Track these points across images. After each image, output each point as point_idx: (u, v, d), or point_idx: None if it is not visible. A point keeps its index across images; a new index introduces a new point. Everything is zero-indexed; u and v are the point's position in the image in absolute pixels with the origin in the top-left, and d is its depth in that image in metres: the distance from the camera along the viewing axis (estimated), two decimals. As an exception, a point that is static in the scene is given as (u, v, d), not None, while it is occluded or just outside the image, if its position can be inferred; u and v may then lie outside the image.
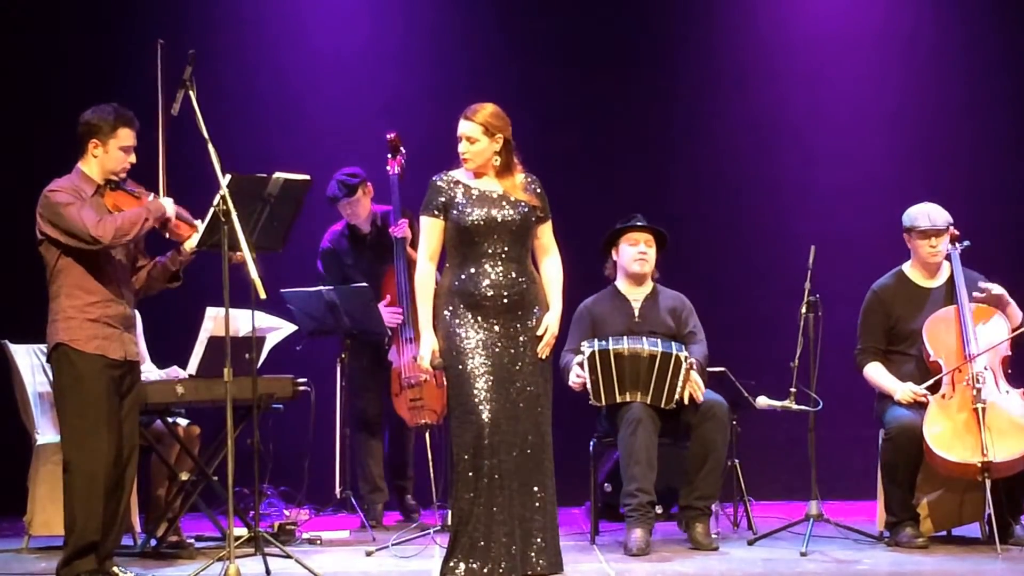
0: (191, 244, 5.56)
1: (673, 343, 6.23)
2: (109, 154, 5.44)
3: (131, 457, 5.50)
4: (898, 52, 8.27)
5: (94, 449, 5.30)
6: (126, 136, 5.46)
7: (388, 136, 7.04)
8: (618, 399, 6.15)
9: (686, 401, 6.14)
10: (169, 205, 5.46)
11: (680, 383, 6.12)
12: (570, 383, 6.23)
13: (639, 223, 6.43)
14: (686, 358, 6.14)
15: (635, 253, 6.39)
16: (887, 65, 8.26)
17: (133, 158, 5.50)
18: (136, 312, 6.47)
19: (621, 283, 6.49)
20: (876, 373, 6.30)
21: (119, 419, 5.40)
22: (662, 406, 6.13)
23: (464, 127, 5.39)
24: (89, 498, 5.30)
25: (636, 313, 6.42)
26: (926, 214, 6.29)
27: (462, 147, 5.39)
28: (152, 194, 5.57)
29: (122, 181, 5.52)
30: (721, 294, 7.96)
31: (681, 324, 6.44)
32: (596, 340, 6.23)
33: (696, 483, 6.17)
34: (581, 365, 6.16)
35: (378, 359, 7.15)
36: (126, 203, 5.49)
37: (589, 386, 6.14)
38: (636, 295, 6.46)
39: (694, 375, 6.15)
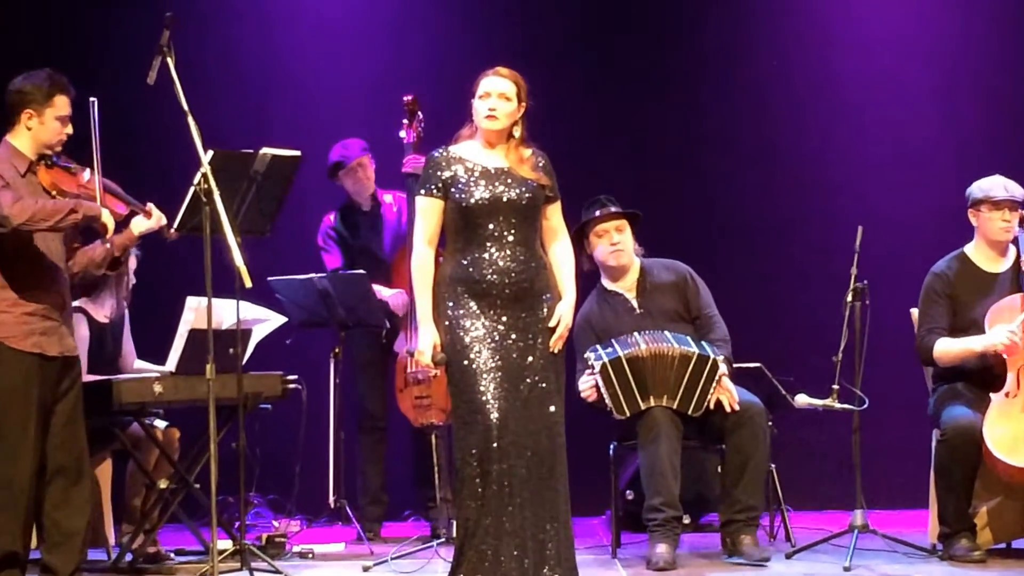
0: (139, 227, 5.55)
1: (708, 345, 6.19)
2: (45, 125, 5.40)
3: (80, 467, 5.45)
4: (954, 16, 8.23)
5: (16, 454, 5.28)
6: (63, 104, 5.41)
7: (405, 99, 7.00)
8: (642, 406, 6.12)
9: (712, 407, 6.14)
10: (107, 215, 5.40)
11: (712, 390, 6.11)
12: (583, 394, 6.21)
13: (598, 212, 6.33)
14: (723, 360, 6.14)
15: (606, 246, 6.35)
16: (941, 30, 8.22)
17: (70, 129, 5.46)
18: (126, 311, 6.54)
19: (606, 280, 6.44)
20: (951, 344, 6.19)
21: (49, 423, 5.36)
22: (689, 413, 6.12)
23: (498, 83, 5.40)
24: (7, 506, 5.28)
25: (636, 306, 6.39)
26: (1001, 185, 6.25)
27: (491, 103, 5.38)
28: (88, 169, 5.52)
29: (56, 156, 5.49)
30: (755, 280, 7.99)
31: (689, 303, 6.36)
32: (600, 347, 6.17)
33: (736, 495, 6.14)
34: (595, 386, 6.09)
35: (379, 351, 7.18)
36: (64, 181, 5.48)
37: (608, 400, 6.10)
38: (626, 286, 6.41)
39: (727, 383, 6.13)
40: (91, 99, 5.37)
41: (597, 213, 6.37)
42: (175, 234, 5.67)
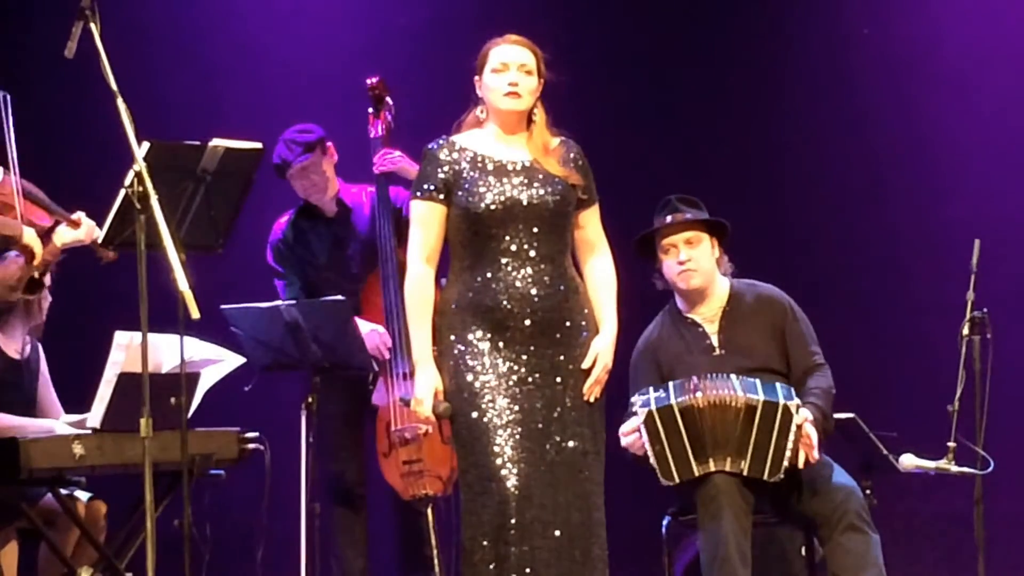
0: (64, 238, 5.54)
1: (779, 385, 6.09)
2: None
3: None
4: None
5: None
6: None
7: (369, 82, 7.06)
8: (698, 471, 6.02)
9: (800, 464, 6.02)
10: (31, 234, 5.46)
11: (790, 445, 5.98)
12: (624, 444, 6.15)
13: (668, 217, 6.24)
14: (798, 407, 6.01)
15: (673, 264, 6.24)
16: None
17: None
18: (40, 351, 6.48)
19: (681, 303, 6.36)
20: None
21: None
22: (764, 478, 6.01)
23: (515, 52, 5.49)
24: None
25: (715, 344, 6.29)
26: None
27: (510, 77, 5.45)
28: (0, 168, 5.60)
29: None
30: (847, 307, 7.99)
31: (788, 347, 6.28)
32: (651, 390, 6.08)
33: None
34: (637, 431, 6.01)
35: (360, 404, 7.15)
36: None
37: (653, 460, 6.01)
38: (707, 313, 6.31)
39: (808, 429, 6.00)
40: (1, 93, 5.35)
41: (668, 219, 6.26)
42: (113, 254, 5.75)
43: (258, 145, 5.74)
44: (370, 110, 7.06)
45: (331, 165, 7.17)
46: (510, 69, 5.45)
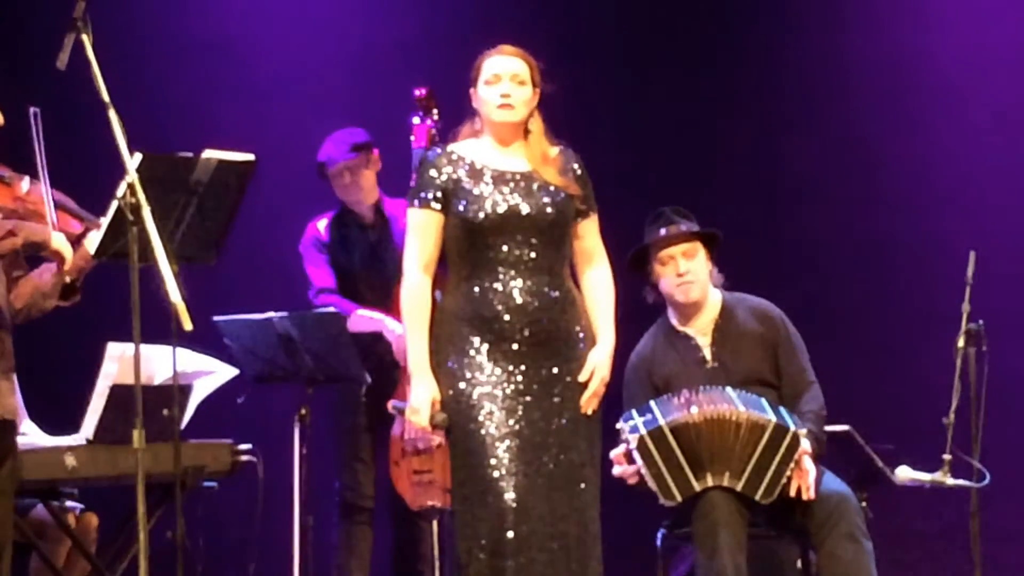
0: (95, 244, 5.53)
1: (787, 413, 6.07)
2: None
3: (1, 556, 5.48)
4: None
5: None
6: None
7: (417, 93, 7.01)
8: (698, 487, 6.00)
9: (792, 493, 6.01)
10: (60, 239, 5.44)
11: (788, 472, 5.97)
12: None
13: (663, 230, 6.24)
14: (806, 434, 6.01)
15: (671, 277, 6.23)
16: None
17: (1, 119, 5.49)
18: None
19: (674, 316, 6.34)
20: None
21: None
22: (756, 498, 6.00)
23: (508, 63, 5.49)
24: None
25: (708, 357, 6.28)
26: None
27: (502, 89, 5.45)
28: (27, 178, 5.54)
29: None
30: (841, 320, 7.97)
31: (779, 361, 6.27)
32: (636, 414, 6.05)
33: None
34: (628, 456, 5.99)
35: (372, 414, 7.12)
36: None
37: (652, 483, 5.99)
38: (700, 327, 6.30)
39: (806, 463, 6.00)
40: (32, 109, 5.38)
41: (662, 232, 6.23)
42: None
43: (251, 156, 5.72)
44: (415, 120, 7.03)
45: (374, 172, 7.20)
46: (502, 80, 5.46)
